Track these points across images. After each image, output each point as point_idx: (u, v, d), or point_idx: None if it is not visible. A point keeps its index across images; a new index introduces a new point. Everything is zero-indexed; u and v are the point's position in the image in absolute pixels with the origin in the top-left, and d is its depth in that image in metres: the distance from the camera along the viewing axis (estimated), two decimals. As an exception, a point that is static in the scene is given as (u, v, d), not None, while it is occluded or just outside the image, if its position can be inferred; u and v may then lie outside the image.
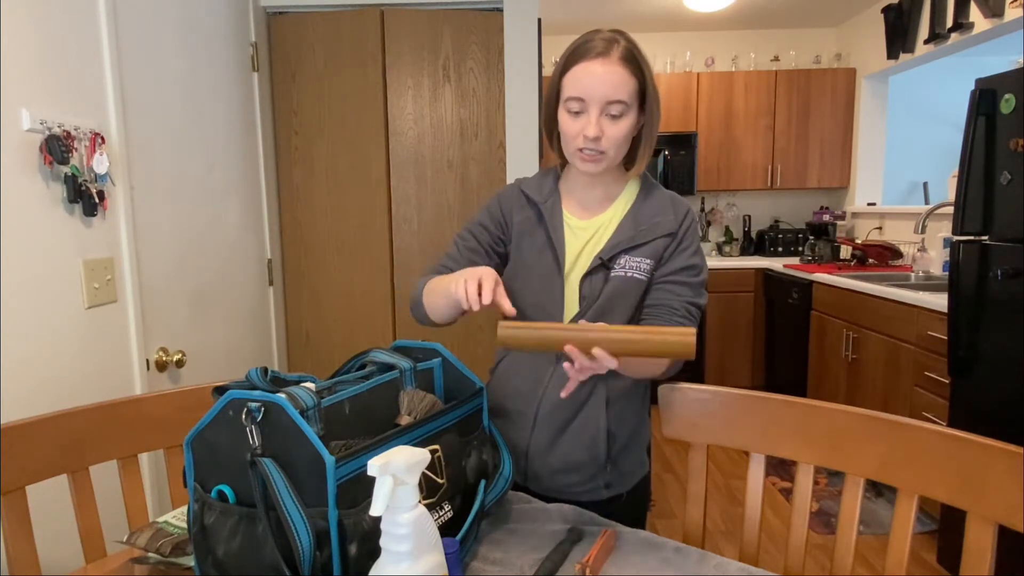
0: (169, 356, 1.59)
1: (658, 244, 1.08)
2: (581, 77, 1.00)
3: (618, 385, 1.12)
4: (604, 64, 0.99)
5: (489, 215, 1.17)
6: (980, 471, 0.85)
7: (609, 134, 1.02)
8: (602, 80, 0.99)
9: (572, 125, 1.03)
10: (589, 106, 1.01)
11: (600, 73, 0.99)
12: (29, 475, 0.99)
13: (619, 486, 1.15)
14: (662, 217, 1.09)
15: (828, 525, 2.68)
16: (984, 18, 3.13)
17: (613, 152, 1.04)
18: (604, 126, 1.01)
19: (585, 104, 1.01)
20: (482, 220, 1.17)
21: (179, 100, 1.69)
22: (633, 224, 1.09)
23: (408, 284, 2.39)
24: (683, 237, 1.09)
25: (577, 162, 1.06)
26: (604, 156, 1.03)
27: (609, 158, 1.04)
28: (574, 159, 1.06)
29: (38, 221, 1.21)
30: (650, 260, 1.07)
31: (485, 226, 1.16)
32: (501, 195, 1.18)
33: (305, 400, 0.76)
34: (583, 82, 1.00)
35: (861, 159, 4.38)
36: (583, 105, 1.01)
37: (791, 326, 3.79)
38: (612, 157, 1.05)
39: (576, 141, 1.03)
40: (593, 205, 1.13)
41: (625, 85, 1.00)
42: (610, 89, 0.99)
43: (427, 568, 0.64)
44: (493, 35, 2.28)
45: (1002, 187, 2.04)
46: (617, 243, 1.08)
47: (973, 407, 2.15)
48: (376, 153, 2.33)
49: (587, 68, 1.00)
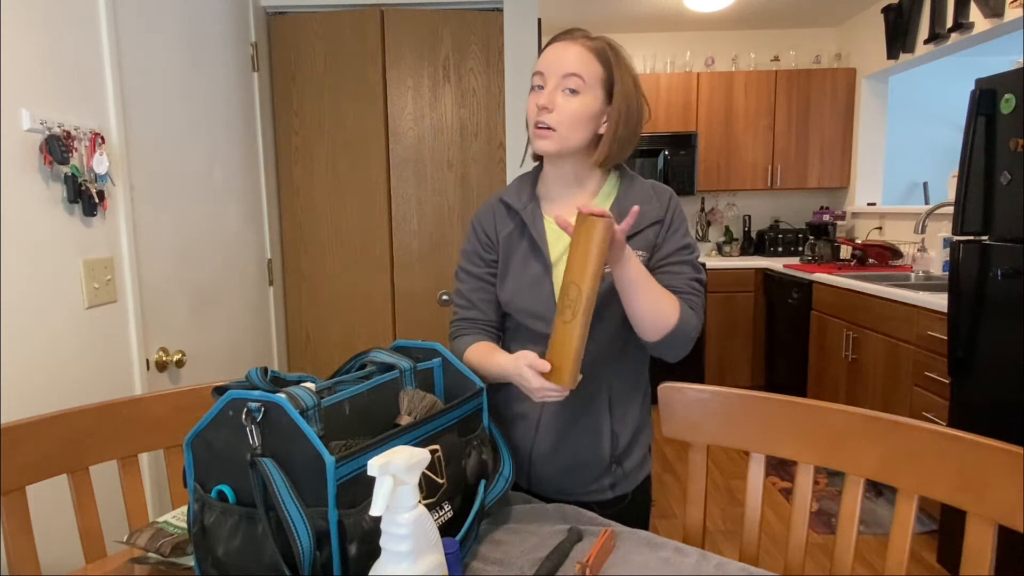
0: (169, 356, 1.59)
1: (648, 233, 1.08)
2: (545, 54, 1.06)
3: (620, 386, 1.13)
4: (566, 42, 1.05)
5: (475, 242, 1.18)
6: (980, 471, 0.85)
7: (561, 107, 1.03)
8: (562, 54, 1.04)
9: (532, 100, 1.06)
10: (547, 79, 1.04)
11: (561, 50, 1.04)
12: (29, 475, 0.99)
13: (624, 486, 1.15)
14: (647, 206, 1.09)
15: (828, 525, 2.68)
16: (984, 18, 3.13)
17: (566, 129, 1.04)
18: (558, 100, 1.03)
19: (543, 77, 1.04)
20: (468, 253, 1.18)
21: (179, 100, 1.69)
22: (619, 217, 1.09)
23: (408, 284, 2.40)
24: (671, 221, 1.10)
25: (535, 140, 1.07)
26: (555, 133, 1.04)
27: (561, 136, 1.04)
28: (533, 139, 1.07)
29: (38, 221, 1.21)
30: (643, 252, 1.08)
31: (474, 260, 1.17)
32: (478, 216, 1.19)
33: (305, 400, 0.76)
34: (546, 59, 1.05)
35: (861, 159, 4.38)
36: (542, 79, 1.05)
37: (791, 326, 3.79)
38: (564, 135, 1.04)
39: (533, 116, 1.05)
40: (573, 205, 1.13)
41: (584, 63, 1.03)
42: (567, 63, 1.03)
43: (427, 568, 0.64)
44: (493, 35, 2.28)
45: (1002, 187, 2.04)
46: None
47: (973, 407, 2.15)
48: (376, 153, 2.33)
49: (551, 47, 1.06)
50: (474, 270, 1.17)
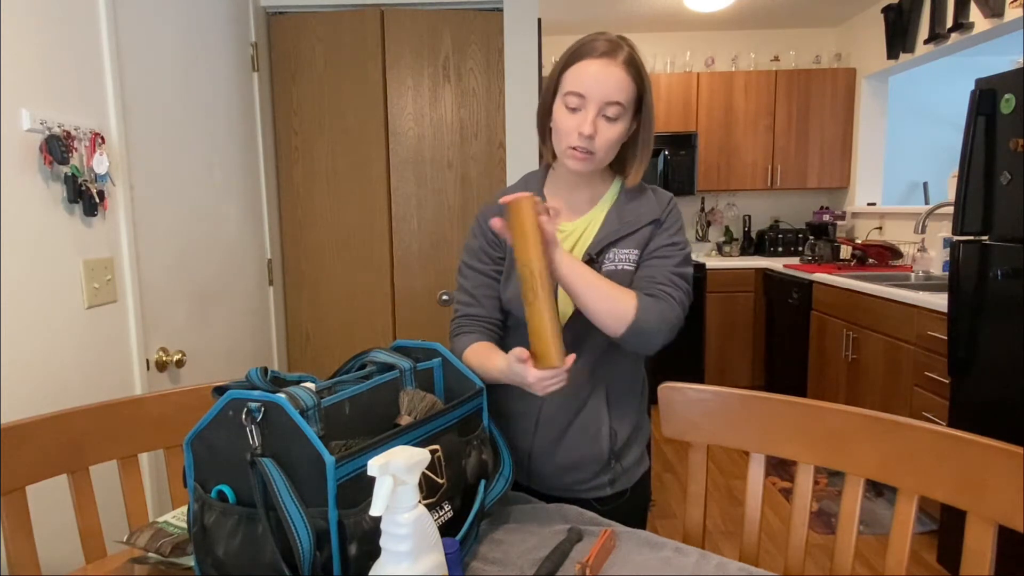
0: (169, 356, 1.59)
1: (644, 232, 1.09)
2: (583, 73, 1.01)
3: (618, 383, 1.13)
4: (608, 64, 1.00)
5: (481, 238, 1.17)
6: (980, 471, 0.85)
7: (603, 135, 1.02)
8: (604, 79, 1.00)
9: (568, 120, 1.03)
10: (588, 103, 1.01)
11: (603, 72, 1.00)
12: (29, 475, 0.99)
13: (623, 482, 1.15)
14: (645, 208, 1.10)
15: (828, 525, 2.68)
16: (984, 18, 3.13)
17: (603, 154, 1.04)
18: (599, 126, 1.01)
19: (584, 100, 1.01)
20: (473, 250, 1.17)
21: (179, 100, 1.69)
22: (618, 218, 1.10)
23: (408, 284, 2.40)
24: (665, 220, 1.10)
25: (567, 159, 1.05)
26: (594, 157, 1.04)
27: (598, 159, 1.05)
28: (564, 156, 1.06)
29: (38, 221, 1.21)
30: (638, 251, 1.08)
31: (480, 256, 1.16)
32: (484, 213, 1.18)
33: (305, 400, 0.76)
34: (585, 78, 1.00)
35: (861, 159, 4.38)
36: (582, 101, 1.01)
37: (791, 326, 3.79)
38: (601, 159, 1.05)
39: (570, 137, 1.03)
40: (580, 206, 1.14)
41: (625, 89, 1.01)
42: (611, 89, 1.00)
43: (427, 568, 0.64)
44: (493, 35, 2.28)
45: (1002, 187, 2.04)
46: (604, 237, 1.08)
47: (973, 407, 2.15)
48: (376, 153, 2.33)
49: (591, 65, 1.00)
50: (479, 266, 1.16)
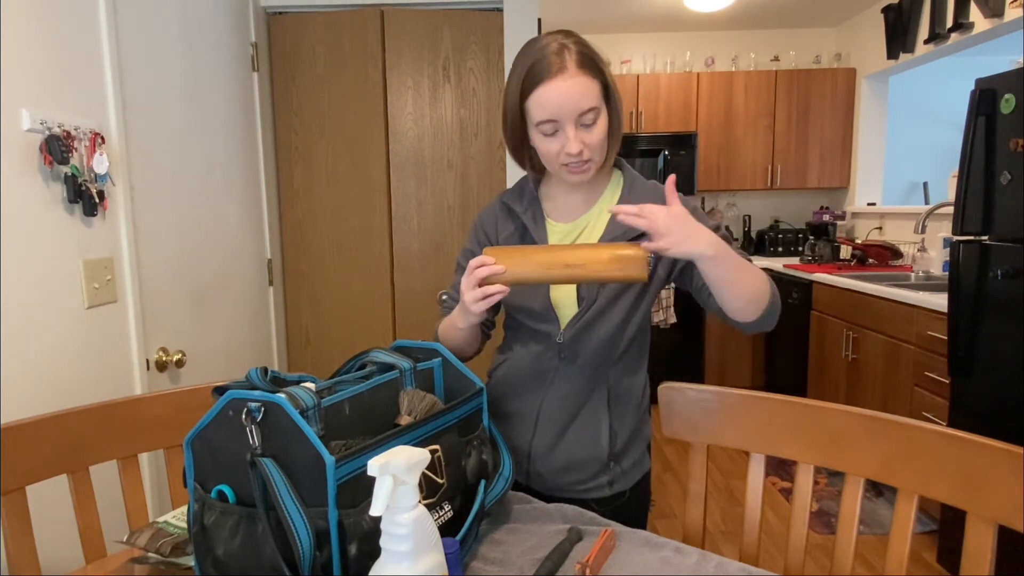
0: (169, 356, 1.59)
1: None
2: (546, 100, 0.97)
3: (619, 384, 1.13)
4: (565, 79, 0.96)
5: (475, 242, 1.19)
6: (980, 471, 0.85)
7: (589, 143, 1.01)
8: (568, 95, 0.96)
9: (551, 145, 1.01)
10: (563, 124, 0.99)
11: (565, 89, 0.96)
12: (29, 475, 0.99)
13: (622, 483, 1.15)
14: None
15: (828, 525, 2.68)
16: (984, 18, 3.13)
17: (598, 156, 1.03)
18: (583, 137, 1.00)
19: (558, 123, 0.99)
20: (467, 253, 1.18)
21: (179, 100, 1.69)
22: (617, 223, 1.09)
23: (408, 284, 2.40)
24: None
25: (565, 175, 1.05)
26: (591, 163, 1.03)
27: (596, 163, 1.04)
28: (561, 173, 1.05)
29: (38, 221, 1.21)
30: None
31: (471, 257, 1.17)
32: (481, 216, 1.20)
33: (305, 400, 0.76)
34: (550, 105, 0.97)
35: (861, 159, 4.38)
36: (556, 125, 0.99)
37: (791, 326, 3.79)
38: (598, 161, 1.04)
39: (559, 159, 1.02)
40: (577, 207, 1.13)
41: (591, 91, 0.98)
42: (578, 102, 0.97)
43: (427, 568, 0.64)
44: (493, 35, 2.28)
45: (1002, 187, 2.04)
46: (612, 239, 1.07)
47: (973, 407, 2.15)
48: (376, 153, 2.33)
49: (549, 89, 0.97)
50: None
